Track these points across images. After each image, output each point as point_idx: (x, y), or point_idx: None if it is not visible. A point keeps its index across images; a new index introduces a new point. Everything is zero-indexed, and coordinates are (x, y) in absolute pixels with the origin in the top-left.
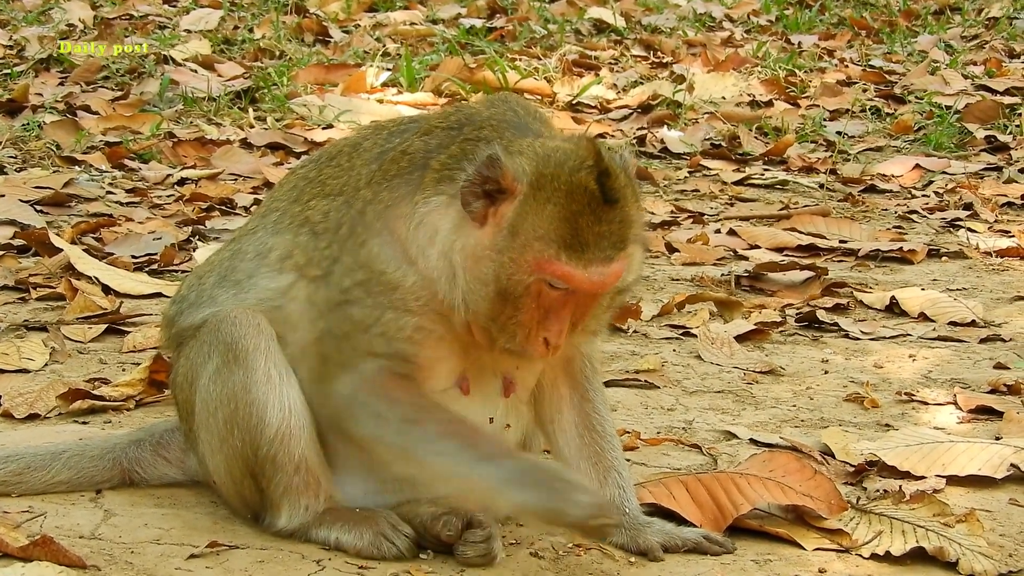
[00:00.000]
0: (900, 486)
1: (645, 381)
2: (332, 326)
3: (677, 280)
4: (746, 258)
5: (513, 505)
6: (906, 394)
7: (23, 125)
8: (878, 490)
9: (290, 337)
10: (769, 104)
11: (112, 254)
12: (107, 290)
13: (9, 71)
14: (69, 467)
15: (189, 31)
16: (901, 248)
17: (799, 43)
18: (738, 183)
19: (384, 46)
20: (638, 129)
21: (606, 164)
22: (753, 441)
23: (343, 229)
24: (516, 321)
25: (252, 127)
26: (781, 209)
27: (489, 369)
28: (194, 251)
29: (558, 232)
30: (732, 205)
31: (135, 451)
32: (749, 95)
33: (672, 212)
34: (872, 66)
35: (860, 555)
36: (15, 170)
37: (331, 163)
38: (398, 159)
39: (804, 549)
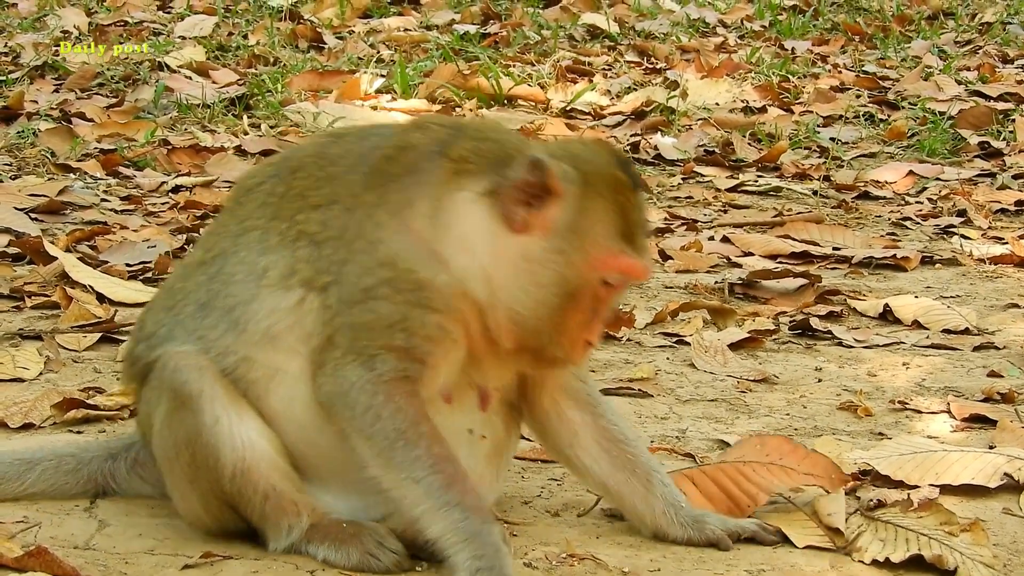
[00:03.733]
0: (908, 494)
1: (638, 390)
2: (352, 320)
3: (670, 288)
4: (740, 265)
5: (457, 561)
6: (899, 403)
7: (18, 132)
8: (871, 499)
9: (305, 346)
10: (763, 110)
11: (107, 262)
12: (102, 298)
13: (4, 78)
14: (44, 480)
15: (184, 37)
16: (895, 255)
17: (792, 49)
18: (731, 190)
19: (378, 52)
20: (632, 135)
21: (620, 154)
22: None
23: (349, 233)
24: (568, 325)
25: (246, 134)
26: (775, 216)
27: (467, 381)
28: None
29: (617, 226)
30: (726, 212)
31: (110, 466)
32: (743, 101)
33: (666, 219)
34: (866, 72)
35: (862, 561)
36: (10, 177)
37: (297, 175)
38: (396, 156)
39: (796, 547)
